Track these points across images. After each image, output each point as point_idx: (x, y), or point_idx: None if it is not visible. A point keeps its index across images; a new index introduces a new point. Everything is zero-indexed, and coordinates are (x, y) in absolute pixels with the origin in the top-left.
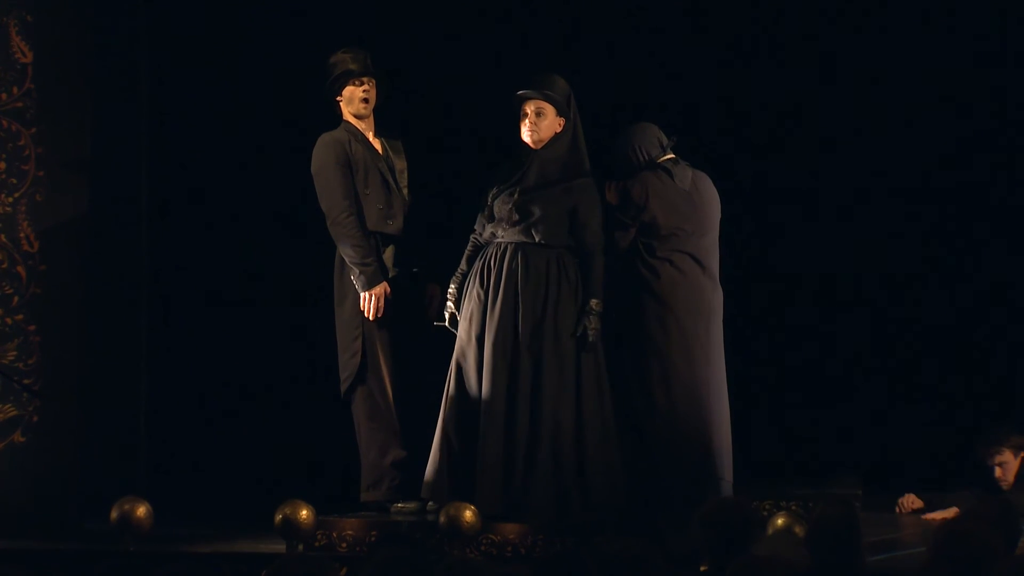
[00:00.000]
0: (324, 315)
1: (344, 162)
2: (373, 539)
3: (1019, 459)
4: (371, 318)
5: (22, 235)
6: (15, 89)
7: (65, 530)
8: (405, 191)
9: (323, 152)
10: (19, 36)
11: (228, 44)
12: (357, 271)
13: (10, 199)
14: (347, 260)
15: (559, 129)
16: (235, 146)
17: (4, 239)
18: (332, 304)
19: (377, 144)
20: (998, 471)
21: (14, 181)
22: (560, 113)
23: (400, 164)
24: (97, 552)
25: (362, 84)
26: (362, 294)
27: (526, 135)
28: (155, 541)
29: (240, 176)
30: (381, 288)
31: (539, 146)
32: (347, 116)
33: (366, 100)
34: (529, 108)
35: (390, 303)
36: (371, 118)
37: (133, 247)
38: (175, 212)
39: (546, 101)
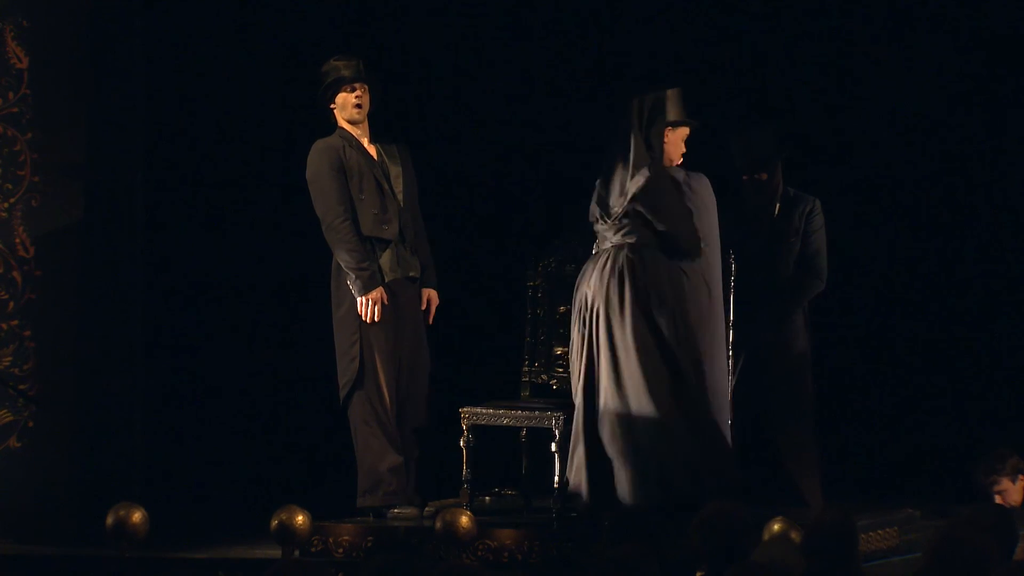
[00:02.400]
0: (320, 320)
1: (338, 167)
2: (369, 545)
3: (1019, 482)
4: (368, 321)
5: (17, 240)
6: (11, 94)
7: (60, 536)
8: (400, 196)
9: (317, 158)
10: (15, 41)
11: (225, 51)
12: (353, 276)
13: (5, 204)
14: (343, 265)
15: None
16: (231, 152)
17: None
18: (329, 309)
19: (372, 150)
20: (997, 499)
21: (10, 186)
22: None
23: (395, 170)
24: (93, 558)
25: (355, 91)
26: (359, 299)
27: (679, 158)
28: (150, 547)
29: (236, 181)
30: (378, 292)
31: None
32: (341, 123)
33: (359, 106)
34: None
35: (387, 308)
36: (365, 124)
37: (129, 252)
38: (171, 218)
39: None
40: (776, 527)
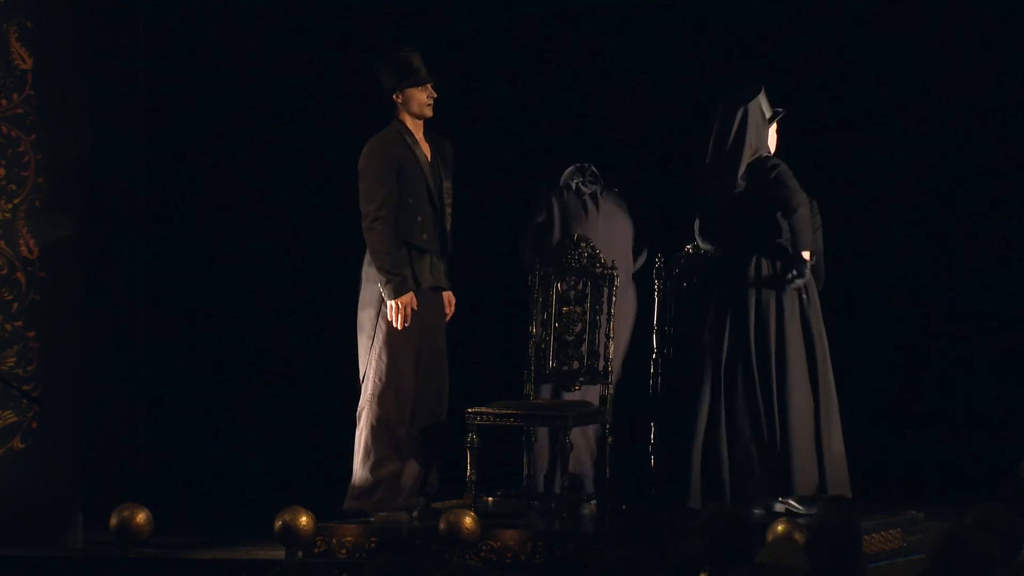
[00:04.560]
0: (327, 319)
1: (396, 168)
2: (373, 546)
3: None
4: (398, 327)
5: (21, 242)
6: (15, 95)
7: (64, 537)
8: (448, 206)
9: (377, 154)
10: (19, 42)
11: (228, 52)
12: (385, 279)
13: (9, 205)
14: (377, 267)
15: None
16: (235, 152)
17: (3, 245)
18: (330, 310)
19: (427, 149)
20: None
21: (13, 187)
22: None
23: (445, 172)
24: (96, 559)
25: (427, 88)
26: (389, 302)
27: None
28: (154, 548)
29: (239, 182)
30: (408, 297)
31: None
32: (403, 115)
33: (431, 104)
34: None
35: (416, 314)
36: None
37: (132, 254)
38: (174, 219)
39: None
40: (780, 528)
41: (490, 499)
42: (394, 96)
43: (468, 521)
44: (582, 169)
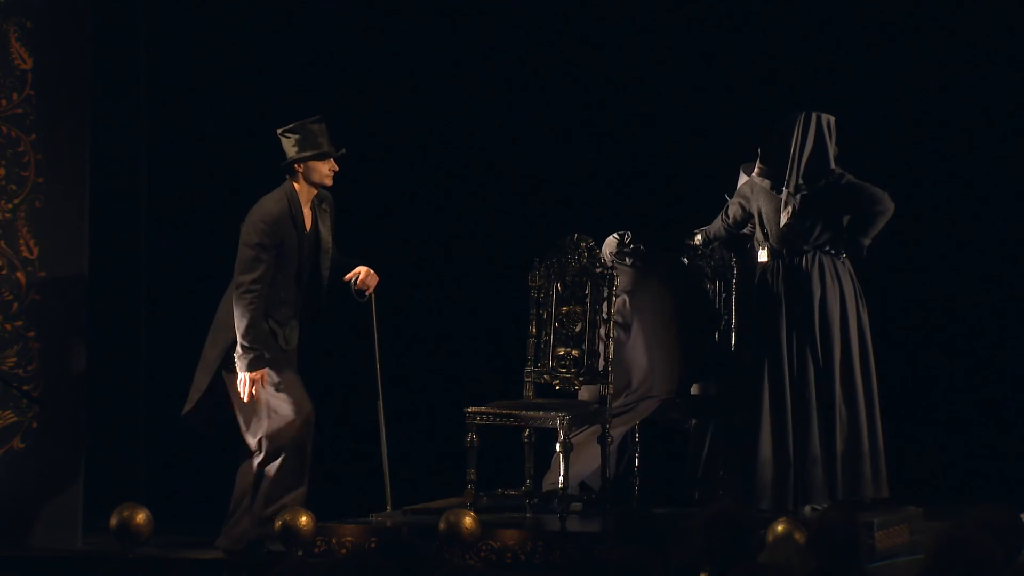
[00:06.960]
0: (327, 321)
1: (278, 245)
2: (373, 546)
3: None
4: (245, 399)
5: (21, 241)
6: (15, 95)
7: (64, 536)
8: (324, 272)
9: (263, 231)
10: (19, 42)
11: (228, 52)
12: (242, 351)
13: (9, 205)
14: (239, 332)
15: None
16: (235, 153)
17: (3, 245)
18: (328, 310)
19: (308, 216)
20: None
21: (14, 187)
22: None
23: (324, 231)
24: (96, 558)
25: (329, 161)
26: (241, 374)
27: None
28: (154, 547)
29: (240, 183)
30: (260, 374)
31: None
32: (299, 182)
33: (331, 176)
34: None
35: (272, 361)
36: None
37: (132, 254)
38: (175, 219)
39: None
40: (780, 528)
41: (489, 499)
42: (295, 165)
43: (468, 521)
44: (621, 242)
